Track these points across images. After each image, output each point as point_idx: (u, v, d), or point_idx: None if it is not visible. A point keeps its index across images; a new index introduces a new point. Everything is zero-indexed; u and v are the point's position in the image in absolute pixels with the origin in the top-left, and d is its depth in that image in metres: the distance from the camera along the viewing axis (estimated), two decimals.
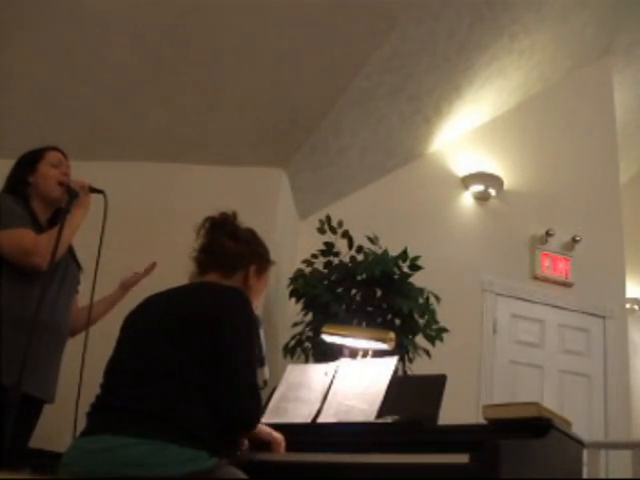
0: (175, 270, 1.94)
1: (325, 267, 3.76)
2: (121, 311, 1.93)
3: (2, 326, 2.10)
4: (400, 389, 2.20)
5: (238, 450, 1.90)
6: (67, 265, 2.34)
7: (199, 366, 1.64)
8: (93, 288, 2.28)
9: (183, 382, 1.62)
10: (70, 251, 2.37)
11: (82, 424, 1.70)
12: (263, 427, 1.97)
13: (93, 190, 2.32)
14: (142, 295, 1.90)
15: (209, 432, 1.60)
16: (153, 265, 2.55)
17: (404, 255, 3.67)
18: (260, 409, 1.76)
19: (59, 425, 2.20)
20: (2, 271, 2.16)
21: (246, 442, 1.95)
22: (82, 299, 2.46)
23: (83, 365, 2.15)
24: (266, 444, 1.98)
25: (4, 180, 2.36)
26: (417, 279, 3.68)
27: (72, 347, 2.36)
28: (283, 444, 1.98)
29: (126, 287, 2.55)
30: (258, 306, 2.02)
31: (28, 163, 2.35)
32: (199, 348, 1.65)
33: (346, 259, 3.74)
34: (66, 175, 2.35)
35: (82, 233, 2.30)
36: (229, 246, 1.91)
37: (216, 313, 1.69)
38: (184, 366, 1.64)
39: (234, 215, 2.00)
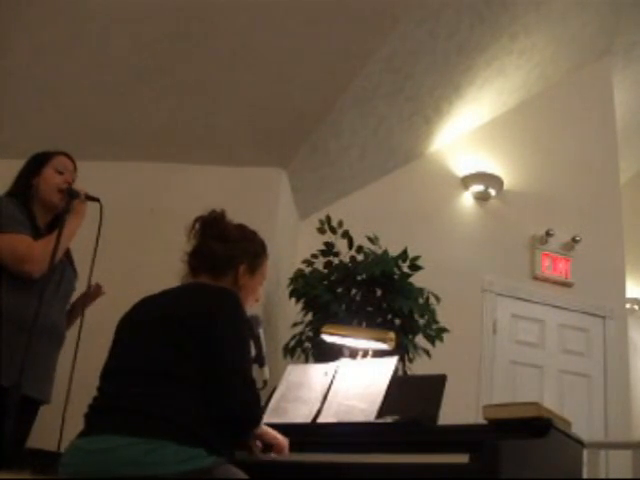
0: (174, 270, 1.94)
1: (325, 267, 3.76)
2: (115, 312, 1.92)
3: (1, 328, 2.10)
4: (400, 389, 2.20)
5: (249, 451, 1.90)
6: (64, 269, 2.34)
7: (195, 365, 1.64)
8: (88, 288, 2.28)
9: (180, 381, 1.63)
10: (67, 256, 2.38)
11: (72, 423, 1.69)
12: (269, 430, 1.96)
13: (89, 198, 2.34)
14: (138, 296, 1.90)
15: (207, 431, 1.60)
16: (98, 290, 2.49)
17: (404, 255, 3.67)
18: (259, 403, 1.76)
19: (46, 424, 2.21)
20: (2, 274, 2.16)
21: (259, 443, 1.94)
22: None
23: (74, 365, 2.15)
24: (269, 447, 1.98)
25: (4, 181, 2.37)
26: (417, 279, 3.68)
27: (62, 347, 2.36)
28: (287, 449, 1.97)
29: (76, 307, 2.45)
30: (258, 300, 2.03)
31: (35, 164, 2.36)
32: (194, 348, 1.65)
33: (346, 259, 3.73)
34: (68, 183, 2.35)
35: (82, 236, 2.30)
36: (217, 249, 1.92)
37: (208, 312, 1.70)
38: (180, 366, 1.64)
39: (223, 213, 2.00)
